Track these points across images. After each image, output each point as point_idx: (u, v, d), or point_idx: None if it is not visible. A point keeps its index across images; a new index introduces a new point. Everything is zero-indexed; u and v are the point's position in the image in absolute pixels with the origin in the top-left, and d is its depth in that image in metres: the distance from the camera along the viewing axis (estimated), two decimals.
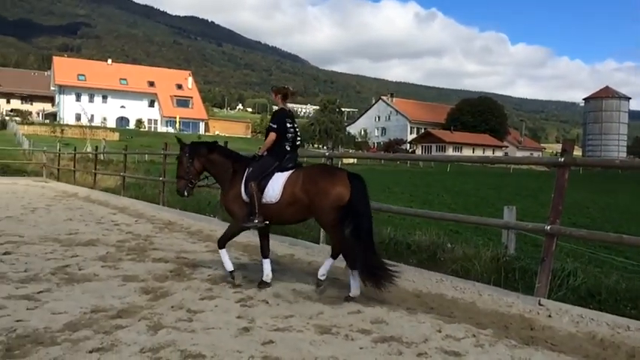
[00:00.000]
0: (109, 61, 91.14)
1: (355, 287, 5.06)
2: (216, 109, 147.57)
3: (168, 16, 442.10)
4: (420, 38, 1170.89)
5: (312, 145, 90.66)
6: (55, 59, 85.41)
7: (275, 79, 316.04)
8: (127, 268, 6.10)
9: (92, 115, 74.42)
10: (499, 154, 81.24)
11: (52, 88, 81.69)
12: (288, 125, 5.61)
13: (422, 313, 4.68)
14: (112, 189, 17.78)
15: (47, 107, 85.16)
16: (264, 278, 5.51)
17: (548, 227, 5.15)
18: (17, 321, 4.00)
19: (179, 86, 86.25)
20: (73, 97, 77.64)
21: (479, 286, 5.42)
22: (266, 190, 5.36)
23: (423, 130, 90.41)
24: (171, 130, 75.83)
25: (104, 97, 79.75)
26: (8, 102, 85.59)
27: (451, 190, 24.20)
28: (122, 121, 79.56)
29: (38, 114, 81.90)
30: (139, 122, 78.58)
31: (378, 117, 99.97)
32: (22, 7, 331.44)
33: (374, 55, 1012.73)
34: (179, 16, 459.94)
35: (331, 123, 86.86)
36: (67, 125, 65.49)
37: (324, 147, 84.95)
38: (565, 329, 4.32)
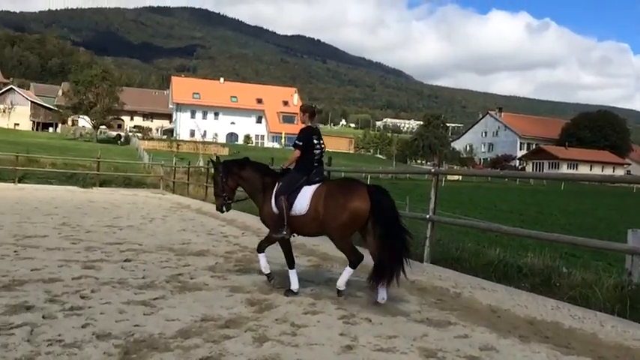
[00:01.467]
0: (222, 79, 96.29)
1: (342, 282, 5.48)
2: (320, 125, 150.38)
3: (277, 36, 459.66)
4: (532, 49, 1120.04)
5: (415, 161, 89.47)
6: (174, 79, 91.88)
7: (378, 94, 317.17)
8: (234, 279, 6.29)
9: (205, 131, 78.78)
10: (620, 172, 75.19)
11: (170, 106, 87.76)
12: (315, 142, 5.85)
13: (536, 343, 4.37)
14: None
15: (165, 124, 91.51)
16: (292, 288, 5.67)
17: None
18: (135, 326, 4.25)
19: (285, 103, 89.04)
20: (188, 114, 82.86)
21: (600, 316, 4.97)
22: (294, 203, 5.60)
23: (534, 146, 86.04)
24: (277, 145, 78.38)
25: (216, 114, 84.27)
26: (132, 119, 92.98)
27: (565, 210, 22.70)
28: (232, 136, 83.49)
29: (157, 130, 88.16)
30: (247, 138, 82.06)
31: (485, 132, 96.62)
32: (145, 31, 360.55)
33: (481, 69, 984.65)
34: (287, 36, 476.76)
35: (435, 138, 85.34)
36: (183, 140, 69.80)
37: (428, 163, 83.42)
38: None
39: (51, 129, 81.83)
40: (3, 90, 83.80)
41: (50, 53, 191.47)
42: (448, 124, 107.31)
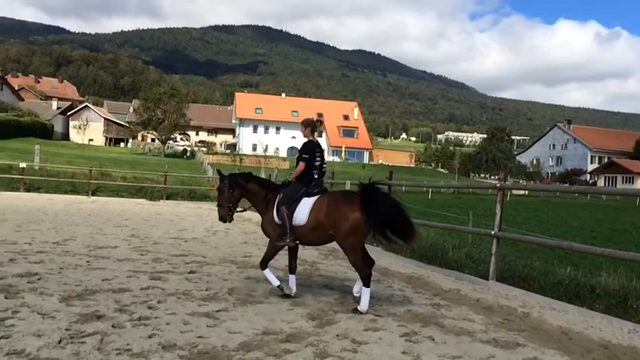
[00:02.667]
0: (283, 95, 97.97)
1: (364, 303, 5.51)
2: (380, 139, 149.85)
3: (338, 51, 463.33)
4: (602, 60, 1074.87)
5: (478, 175, 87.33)
6: (237, 95, 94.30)
7: (440, 107, 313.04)
8: (295, 293, 6.30)
9: (267, 146, 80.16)
10: None
11: (234, 121, 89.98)
12: (317, 155, 6.20)
13: None
14: None
15: (229, 138, 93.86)
16: (287, 291, 6.02)
17: None
18: (199, 337, 4.32)
19: (346, 117, 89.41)
20: (250, 128, 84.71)
21: None
22: (295, 213, 5.91)
23: (606, 160, 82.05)
24: (337, 159, 78.57)
25: (277, 129, 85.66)
26: (197, 134, 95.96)
27: None
28: (292, 150, 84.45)
29: (221, 144, 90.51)
30: None
31: (553, 145, 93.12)
32: (211, 49, 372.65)
33: (547, 80, 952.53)
34: (347, 50, 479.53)
35: (499, 152, 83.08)
36: (245, 155, 71.30)
37: (491, 177, 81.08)
38: None
39: (122, 144, 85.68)
40: (79, 107, 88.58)
41: (122, 72, 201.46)
42: (513, 137, 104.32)
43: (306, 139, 6.37)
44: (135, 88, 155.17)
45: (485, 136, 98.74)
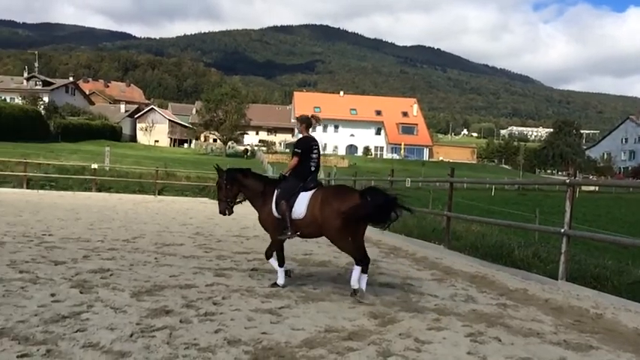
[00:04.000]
0: (341, 93, 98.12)
1: (354, 280, 5.77)
2: (440, 135, 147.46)
3: (396, 47, 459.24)
4: None
5: (544, 171, 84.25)
6: (296, 94, 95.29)
7: (503, 102, 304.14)
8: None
9: (325, 144, 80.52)
10: None
11: (293, 120, 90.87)
12: (313, 150, 6.35)
13: None
14: None
15: (288, 137, 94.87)
16: (278, 282, 6.30)
17: None
18: (262, 333, 4.39)
19: (404, 114, 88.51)
20: None
21: None
22: (294, 207, 6.08)
23: None
24: (396, 156, 78.00)
25: (336, 127, 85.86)
26: (257, 134, 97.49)
27: None
28: (351, 148, 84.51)
29: (280, 144, 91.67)
30: (367, 149, 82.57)
31: (625, 139, 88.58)
32: (270, 49, 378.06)
33: (618, 71, 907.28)
34: (406, 46, 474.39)
35: (567, 146, 79.95)
36: None
37: (559, 173, 77.93)
38: None
39: (186, 145, 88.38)
40: (145, 110, 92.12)
41: (185, 75, 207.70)
42: (582, 131, 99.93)
43: (301, 135, 6.59)
44: (197, 90, 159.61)
45: (551, 130, 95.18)
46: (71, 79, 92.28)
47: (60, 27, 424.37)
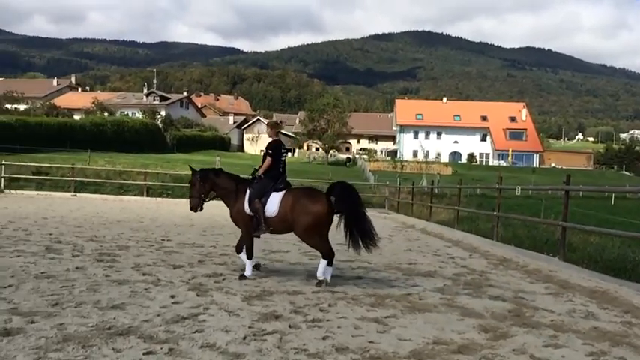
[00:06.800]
0: (444, 99, 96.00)
1: (320, 272, 6.70)
2: (552, 141, 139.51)
3: (502, 50, 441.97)
4: None
5: None
6: (397, 102, 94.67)
7: (622, 104, 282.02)
8: (464, 303, 6.10)
9: (427, 151, 79.13)
10: None
11: (394, 128, 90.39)
12: (283, 153, 7.07)
13: None
14: (445, 222, 18.36)
15: (389, 145, 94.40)
16: (246, 274, 6.86)
17: None
18: (370, 342, 4.39)
19: (512, 119, 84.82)
20: (411, 135, 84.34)
21: None
22: (266, 206, 6.67)
23: None
24: (503, 163, 74.88)
25: (439, 134, 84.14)
26: (358, 142, 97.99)
27: None
28: (455, 155, 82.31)
29: (382, 152, 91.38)
30: (471, 156, 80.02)
31: None
32: (370, 58, 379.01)
33: None
34: (513, 49, 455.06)
35: None
36: (406, 161, 71.12)
37: None
38: None
39: (289, 154, 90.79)
40: (252, 121, 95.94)
41: (289, 86, 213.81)
42: None
43: (271, 139, 7.25)
44: (300, 100, 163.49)
45: None
46: (185, 93, 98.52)
47: (175, 45, 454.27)
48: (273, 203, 6.68)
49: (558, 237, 10.09)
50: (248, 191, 6.85)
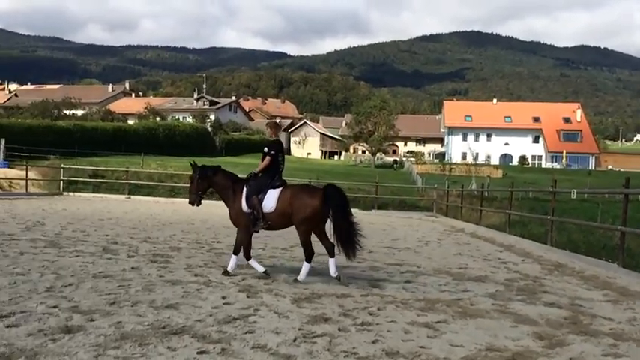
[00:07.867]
0: (494, 100, 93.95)
1: (333, 272, 6.90)
2: (608, 142, 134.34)
3: (555, 49, 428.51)
4: None
5: None
6: (446, 103, 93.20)
7: None
8: (518, 309, 5.94)
9: (477, 154, 77.52)
10: None
11: (442, 130, 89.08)
12: (281, 152, 7.23)
13: None
14: (496, 226, 17.95)
15: (437, 148, 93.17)
16: (228, 269, 7.18)
17: None
18: (420, 347, 4.33)
19: (566, 120, 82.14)
20: (460, 137, 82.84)
21: None
22: (263, 202, 6.87)
23: None
24: (556, 165, 72.59)
25: (488, 136, 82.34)
26: (405, 144, 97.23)
27: None
28: (505, 158, 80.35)
29: (429, 154, 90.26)
30: (523, 159, 77.95)
31: None
32: (418, 59, 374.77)
33: None
34: (567, 48, 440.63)
35: None
36: (455, 164, 69.94)
37: None
38: None
39: (336, 157, 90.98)
40: (298, 124, 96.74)
41: (335, 89, 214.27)
42: None
43: (271, 139, 7.50)
44: (347, 103, 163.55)
45: None
46: (233, 98, 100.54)
47: (224, 50, 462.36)
48: (271, 199, 6.90)
49: (617, 242, 9.72)
50: (245, 189, 7.06)
